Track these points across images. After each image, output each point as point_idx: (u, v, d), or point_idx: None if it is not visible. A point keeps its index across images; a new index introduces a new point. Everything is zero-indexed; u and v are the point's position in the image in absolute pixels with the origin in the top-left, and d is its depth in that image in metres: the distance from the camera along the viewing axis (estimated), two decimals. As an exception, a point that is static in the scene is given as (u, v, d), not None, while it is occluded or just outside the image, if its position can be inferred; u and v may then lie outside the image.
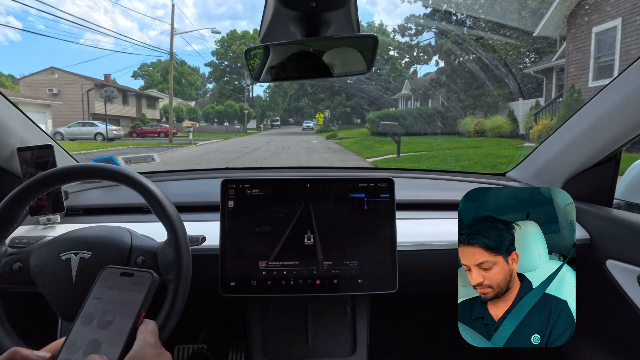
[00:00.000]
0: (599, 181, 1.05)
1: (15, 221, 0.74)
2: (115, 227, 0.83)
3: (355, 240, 0.92)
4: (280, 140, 15.25)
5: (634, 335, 0.91)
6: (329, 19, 0.68)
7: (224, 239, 0.91)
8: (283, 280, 0.91)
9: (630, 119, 0.89)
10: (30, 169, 1.02)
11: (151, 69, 33.74)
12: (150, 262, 0.76)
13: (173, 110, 19.44)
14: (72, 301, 0.73)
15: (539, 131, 8.46)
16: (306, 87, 25.12)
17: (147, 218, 1.05)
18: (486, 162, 7.02)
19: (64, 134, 15.57)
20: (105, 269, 0.55)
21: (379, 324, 1.23)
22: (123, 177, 0.76)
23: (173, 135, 16.74)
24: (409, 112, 14.33)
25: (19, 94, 16.57)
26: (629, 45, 7.37)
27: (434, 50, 17.07)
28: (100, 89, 19.80)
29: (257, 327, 1.06)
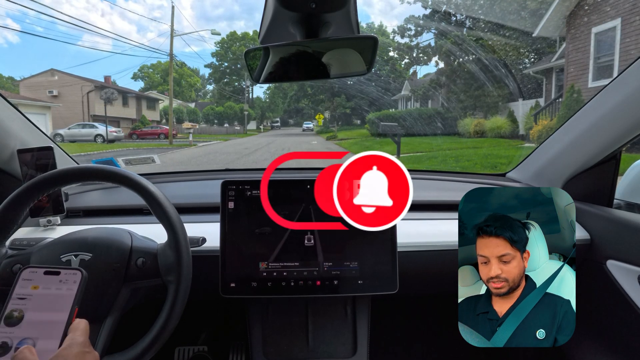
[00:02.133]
0: (599, 181, 1.05)
1: (15, 223, 0.74)
2: (115, 229, 0.83)
3: (355, 241, 0.92)
4: (280, 142, 15.25)
5: (634, 335, 0.91)
6: (329, 20, 0.68)
7: (224, 240, 0.91)
8: (283, 281, 0.91)
9: (630, 119, 0.89)
10: (31, 170, 1.02)
11: (151, 70, 33.80)
12: (151, 264, 0.76)
13: (173, 111, 19.45)
14: None
15: (539, 131, 8.46)
16: (306, 88, 25.13)
17: (147, 219, 1.05)
18: (486, 162, 7.02)
19: (64, 136, 15.58)
20: (25, 269, 0.55)
21: (380, 324, 1.23)
22: (123, 178, 0.76)
23: (173, 136, 16.75)
24: (408, 113, 14.33)
25: (19, 96, 16.59)
26: (629, 46, 7.37)
27: (434, 51, 17.09)
28: (100, 91, 19.81)
29: (257, 329, 1.06)
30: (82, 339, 0.50)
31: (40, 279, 0.54)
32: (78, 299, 0.53)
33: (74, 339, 0.49)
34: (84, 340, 0.50)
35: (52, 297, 0.53)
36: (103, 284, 0.74)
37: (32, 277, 0.54)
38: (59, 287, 0.54)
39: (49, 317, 0.51)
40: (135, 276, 0.76)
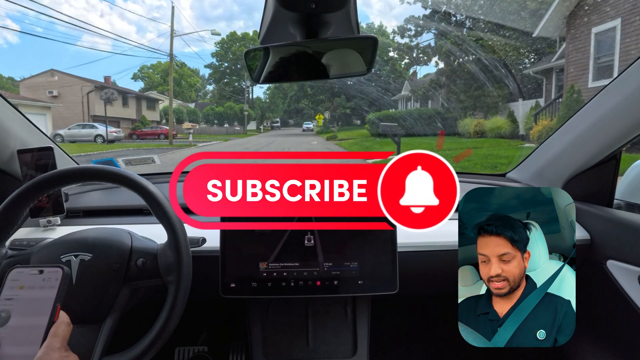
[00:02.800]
0: (599, 181, 1.05)
1: (15, 223, 0.74)
2: (115, 229, 0.83)
3: (355, 241, 0.92)
4: (280, 142, 15.26)
5: (634, 335, 0.91)
6: (329, 21, 0.68)
7: (224, 240, 0.91)
8: (283, 281, 0.91)
9: (630, 119, 0.89)
10: (31, 171, 1.02)
11: (151, 70, 33.82)
12: (151, 264, 0.76)
13: (173, 112, 19.47)
14: (73, 303, 0.73)
15: (539, 132, 8.46)
16: (306, 89, 25.14)
17: (147, 220, 1.05)
18: (486, 162, 7.02)
19: (64, 136, 15.58)
20: (13, 269, 0.56)
21: (380, 325, 1.23)
22: (123, 179, 0.76)
23: (173, 137, 16.76)
24: (408, 113, 14.34)
25: (19, 96, 16.60)
26: (629, 46, 7.37)
27: (434, 51, 17.09)
28: (100, 91, 19.82)
29: (257, 329, 1.06)
30: (59, 345, 0.51)
31: (25, 279, 0.55)
32: (61, 296, 0.55)
33: (50, 345, 0.50)
34: (60, 346, 0.51)
35: (35, 297, 0.54)
36: (103, 284, 0.74)
37: (18, 278, 0.56)
38: (43, 285, 0.55)
39: (31, 321, 0.52)
40: (135, 276, 0.76)
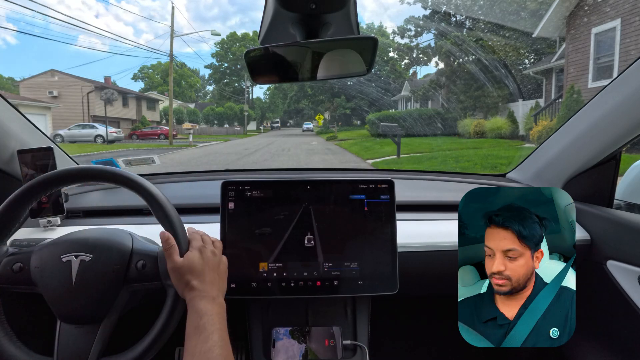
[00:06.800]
0: (599, 182, 1.05)
1: (16, 223, 0.74)
2: (116, 230, 0.83)
3: (355, 241, 0.92)
4: (280, 142, 15.27)
5: (634, 335, 0.91)
6: (329, 21, 0.68)
7: (224, 240, 0.91)
8: (283, 281, 0.91)
9: (630, 120, 0.89)
10: (31, 171, 1.02)
11: (151, 71, 33.85)
12: (151, 267, 0.76)
13: (173, 112, 19.47)
14: (72, 303, 0.73)
15: (539, 132, 8.46)
16: (306, 89, 25.14)
17: (147, 220, 1.05)
18: (486, 163, 7.03)
19: (64, 136, 15.60)
20: None
21: (380, 325, 1.23)
22: (123, 179, 0.76)
23: (173, 137, 16.77)
24: (408, 114, 14.35)
25: (19, 97, 16.60)
26: (629, 46, 7.38)
27: (434, 51, 17.10)
28: (100, 91, 19.82)
29: (257, 329, 1.05)
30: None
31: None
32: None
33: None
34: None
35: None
36: (102, 285, 0.73)
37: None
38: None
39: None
40: (135, 278, 0.75)
